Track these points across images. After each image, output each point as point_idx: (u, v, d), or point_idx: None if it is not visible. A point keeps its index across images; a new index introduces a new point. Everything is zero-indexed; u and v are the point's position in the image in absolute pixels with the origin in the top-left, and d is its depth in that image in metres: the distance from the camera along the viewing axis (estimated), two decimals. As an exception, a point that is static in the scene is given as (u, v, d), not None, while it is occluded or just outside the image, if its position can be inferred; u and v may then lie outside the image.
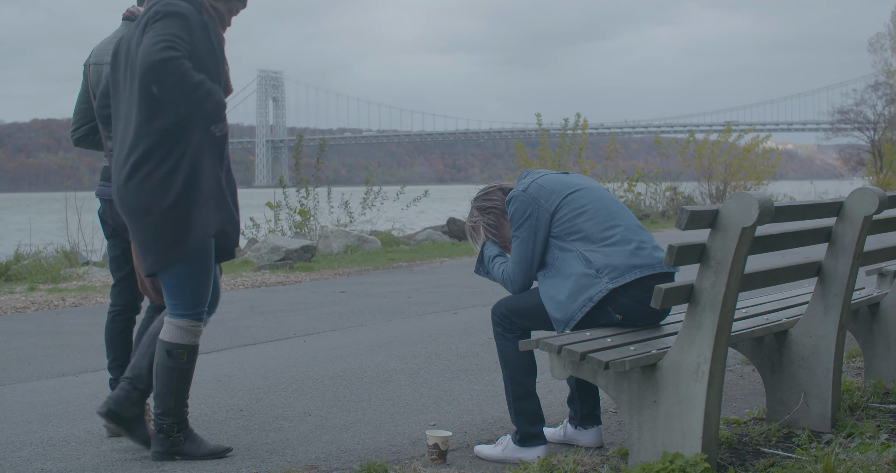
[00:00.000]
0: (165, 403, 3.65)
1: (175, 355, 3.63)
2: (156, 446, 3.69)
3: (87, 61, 4.04)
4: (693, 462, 2.99)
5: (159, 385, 3.65)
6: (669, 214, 21.22)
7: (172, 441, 3.67)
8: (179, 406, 3.67)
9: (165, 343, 3.63)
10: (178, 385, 3.65)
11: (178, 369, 3.64)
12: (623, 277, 3.33)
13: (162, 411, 3.66)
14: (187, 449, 3.69)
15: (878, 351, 4.38)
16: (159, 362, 3.64)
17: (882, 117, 42.47)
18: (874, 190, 3.60)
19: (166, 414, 3.66)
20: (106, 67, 3.88)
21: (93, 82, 3.99)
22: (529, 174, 3.62)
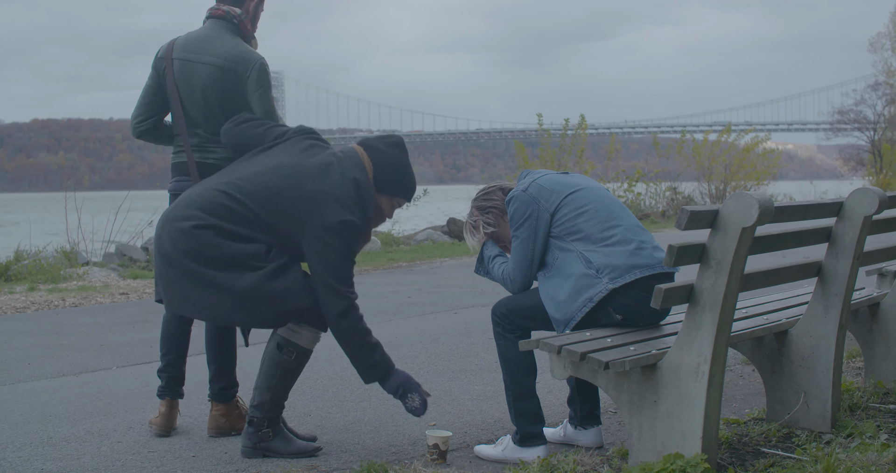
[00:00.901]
0: (262, 396, 3.68)
1: (285, 351, 3.68)
2: (244, 440, 3.71)
3: (165, 55, 4.04)
4: (693, 462, 2.99)
5: (262, 377, 3.69)
6: (669, 214, 21.22)
7: (261, 436, 3.68)
8: (274, 404, 3.69)
9: (280, 337, 3.69)
10: (278, 381, 3.68)
11: (283, 365, 3.68)
12: (623, 277, 3.33)
13: (257, 403, 3.68)
14: (275, 446, 3.70)
15: (878, 351, 4.38)
16: (269, 353, 3.70)
17: (882, 117, 42.49)
18: (874, 190, 3.60)
19: (259, 408, 3.68)
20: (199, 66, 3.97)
21: (178, 77, 4.00)
22: (529, 174, 3.62)
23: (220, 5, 4.06)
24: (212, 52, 3.96)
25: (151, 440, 4.04)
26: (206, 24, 4.08)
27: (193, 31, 4.10)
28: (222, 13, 4.03)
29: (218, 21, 4.04)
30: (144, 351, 6.34)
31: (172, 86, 4.01)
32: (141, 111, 4.14)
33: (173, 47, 4.04)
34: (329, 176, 3.57)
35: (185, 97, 4.01)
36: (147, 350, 6.37)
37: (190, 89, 3.99)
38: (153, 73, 4.10)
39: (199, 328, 4.21)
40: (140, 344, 6.61)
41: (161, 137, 4.19)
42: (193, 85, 3.98)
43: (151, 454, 3.83)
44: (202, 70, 3.96)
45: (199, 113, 4.00)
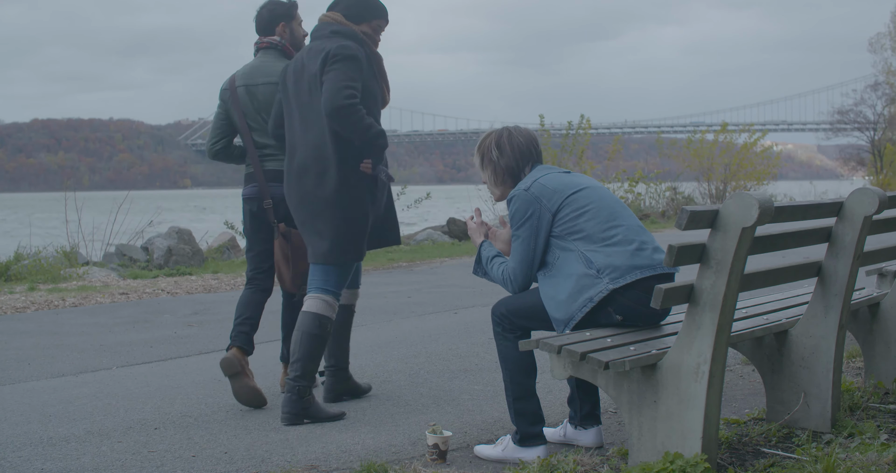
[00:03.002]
0: (306, 367, 4.16)
1: (322, 324, 4.24)
2: (288, 408, 4.15)
3: (229, 86, 4.75)
4: (693, 462, 2.99)
5: (303, 351, 4.18)
6: (669, 214, 21.23)
7: (304, 404, 4.15)
8: (314, 371, 4.18)
9: (317, 315, 4.24)
10: (317, 352, 4.22)
11: (321, 337, 4.23)
12: (624, 278, 3.32)
13: (301, 374, 4.16)
14: (314, 412, 4.19)
15: (878, 351, 4.38)
16: (307, 330, 4.21)
17: (882, 117, 42.50)
18: (874, 190, 3.60)
19: (304, 377, 4.16)
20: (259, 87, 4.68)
21: (243, 102, 4.70)
22: (532, 173, 3.61)
23: (261, 39, 4.80)
24: (268, 74, 4.66)
25: (151, 440, 4.05)
26: (257, 56, 4.79)
27: (248, 63, 4.80)
28: (267, 44, 4.77)
29: (267, 50, 4.78)
30: (144, 351, 6.34)
31: (239, 109, 4.71)
32: (213, 135, 4.87)
33: (235, 79, 4.76)
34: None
35: (249, 116, 4.71)
36: (147, 350, 6.37)
37: (255, 108, 4.69)
38: (220, 102, 4.82)
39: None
40: (140, 344, 6.61)
41: (233, 156, 4.90)
42: (258, 104, 4.68)
43: (151, 454, 3.83)
44: (262, 90, 4.66)
45: (262, 127, 4.68)
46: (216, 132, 4.85)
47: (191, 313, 8.21)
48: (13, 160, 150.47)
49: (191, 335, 6.99)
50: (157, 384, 5.22)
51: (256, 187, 4.68)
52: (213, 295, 9.62)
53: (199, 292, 9.89)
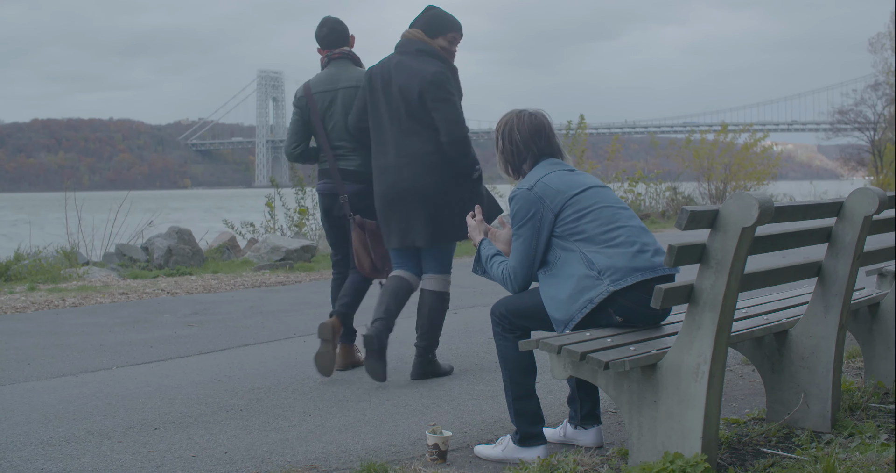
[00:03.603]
0: (431, 337, 5.02)
1: (443, 299, 5.04)
2: (419, 369, 5.03)
3: (305, 92, 5.27)
4: (693, 462, 2.99)
5: (430, 323, 5.00)
6: (669, 214, 21.22)
7: (431, 364, 5.05)
8: (438, 338, 5.06)
9: (437, 292, 5.02)
10: (439, 322, 5.04)
11: (442, 310, 5.04)
12: (625, 279, 3.31)
13: (428, 343, 5.02)
14: (436, 370, 5.08)
15: (878, 351, 4.38)
16: (435, 306, 5.01)
17: (882, 117, 42.47)
18: (874, 190, 3.59)
19: (432, 346, 5.03)
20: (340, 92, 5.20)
21: (321, 107, 5.23)
22: (535, 171, 3.57)
23: (333, 50, 5.31)
24: (347, 80, 5.22)
25: (151, 440, 4.05)
26: (330, 65, 5.31)
27: (321, 72, 5.32)
28: (339, 54, 5.31)
29: (340, 59, 5.31)
30: (144, 351, 6.34)
31: (316, 114, 5.22)
32: (293, 139, 5.36)
33: (309, 87, 5.28)
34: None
35: (327, 119, 5.22)
36: (147, 350, 6.37)
37: (332, 112, 5.20)
38: (296, 109, 5.34)
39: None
40: (140, 344, 6.61)
41: (310, 157, 5.40)
42: (335, 108, 5.20)
43: (151, 454, 3.83)
44: (343, 94, 5.19)
45: (338, 129, 5.20)
46: (295, 137, 5.34)
47: (191, 313, 8.22)
48: (13, 160, 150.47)
49: (191, 335, 6.99)
50: (157, 384, 5.22)
51: (330, 183, 5.23)
52: (213, 295, 9.62)
53: (199, 292, 9.89)
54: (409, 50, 4.90)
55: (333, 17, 5.42)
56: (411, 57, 4.88)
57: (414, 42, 4.91)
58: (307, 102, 5.26)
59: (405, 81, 4.83)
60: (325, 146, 5.23)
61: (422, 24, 4.94)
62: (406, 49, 4.92)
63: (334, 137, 5.21)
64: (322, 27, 5.34)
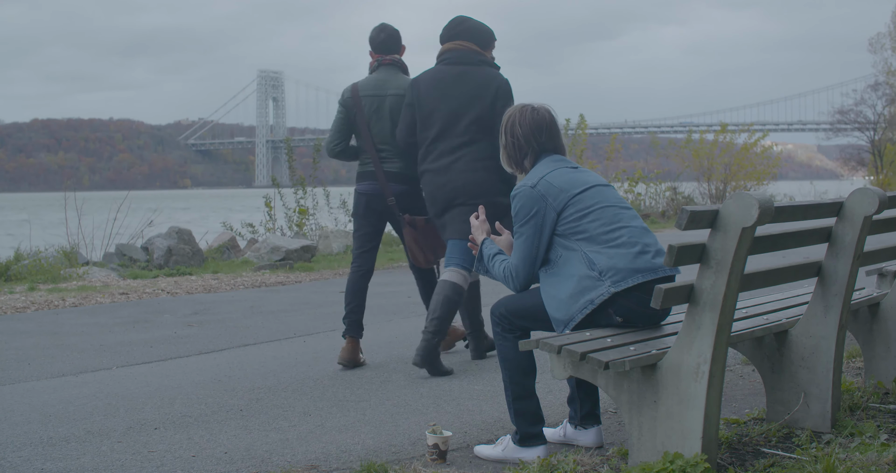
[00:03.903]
0: (442, 323, 5.08)
1: (458, 292, 5.14)
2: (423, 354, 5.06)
3: (353, 94, 5.47)
4: (693, 462, 2.99)
5: (442, 311, 5.07)
6: (669, 214, 21.22)
7: (434, 353, 5.10)
8: (447, 327, 5.13)
9: (455, 284, 5.14)
10: (452, 312, 5.12)
11: (456, 301, 5.13)
12: (625, 281, 3.30)
13: (436, 329, 5.06)
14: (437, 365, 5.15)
15: (878, 351, 4.38)
16: (449, 296, 5.10)
17: (882, 117, 42.47)
18: (874, 190, 3.59)
19: (439, 332, 5.08)
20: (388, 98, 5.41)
21: (367, 110, 5.43)
22: (538, 167, 3.54)
23: (383, 57, 5.52)
24: (395, 87, 5.41)
25: (151, 440, 4.05)
26: (379, 70, 5.51)
27: (370, 76, 5.51)
28: (390, 61, 5.52)
29: (389, 66, 5.51)
30: (144, 351, 6.34)
31: (362, 116, 5.43)
32: (336, 138, 5.55)
33: (357, 89, 5.47)
34: None
35: (372, 123, 5.42)
36: (147, 350, 6.37)
37: (379, 116, 5.40)
38: (342, 108, 5.52)
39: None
40: (140, 344, 6.61)
41: (350, 155, 5.59)
42: (383, 112, 5.39)
43: (151, 454, 3.83)
44: (390, 100, 5.38)
45: (385, 133, 5.41)
46: (338, 135, 5.54)
47: (191, 313, 8.22)
48: (13, 160, 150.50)
49: (191, 335, 6.99)
50: (157, 384, 5.22)
51: (374, 184, 5.46)
52: (213, 295, 9.62)
53: (199, 292, 9.89)
54: (472, 61, 5.18)
55: (391, 24, 5.64)
56: (475, 68, 5.17)
57: (475, 54, 5.20)
58: (354, 104, 5.47)
59: (475, 90, 5.10)
60: (369, 148, 5.44)
61: (471, 37, 5.22)
62: (468, 60, 5.19)
63: (379, 141, 5.43)
64: (380, 32, 5.57)
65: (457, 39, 5.22)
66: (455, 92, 5.12)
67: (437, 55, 5.29)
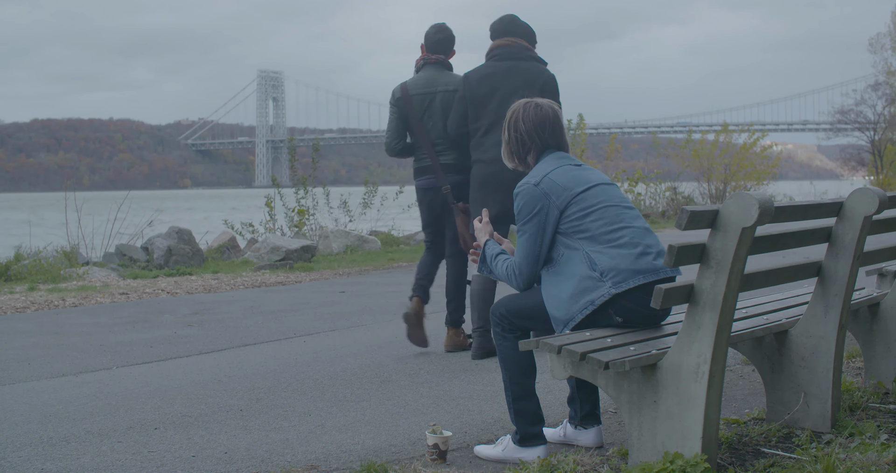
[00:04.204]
0: (483, 314, 5.36)
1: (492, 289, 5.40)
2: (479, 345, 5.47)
3: (403, 94, 5.74)
4: (693, 462, 2.99)
5: (481, 303, 5.39)
6: (669, 214, 21.23)
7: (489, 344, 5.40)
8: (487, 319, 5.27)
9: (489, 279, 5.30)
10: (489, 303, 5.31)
11: (491, 291, 5.40)
12: (626, 282, 3.30)
13: (481, 325, 5.44)
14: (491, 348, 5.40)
15: (878, 351, 4.38)
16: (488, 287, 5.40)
17: (882, 117, 42.47)
18: (874, 190, 3.59)
19: (485, 324, 5.40)
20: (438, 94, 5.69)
21: (419, 108, 5.70)
22: (541, 165, 3.53)
23: (430, 55, 5.81)
24: (444, 84, 5.71)
25: (151, 440, 4.05)
26: (425, 69, 5.79)
27: (418, 75, 5.80)
28: (435, 60, 5.81)
29: (435, 65, 5.80)
30: (144, 351, 6.34)
31: (414, 114, 5.71)
32: (395, 136, 5.84)
33: (406, 88, 5.75)
34: None
35: (425, 119, 5.70)
36: (147, 350, 6.37)
37: (431, 112, 5.69)
38: (394, 109, 5.79)
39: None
40: (140, 344, 6.61)
41: (408, 152, 5.88)
42: (434, 108, 5.68)
43: (151, 454, 3.83)
44: (441, 96, 5.68)
45: (437, 128, 5.69)
46: (396, 134, 5.83)
47: (191, 313, 8.22)
48: (13, 160, 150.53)
49: (191, 335, 7.00)
50: (157, 384, 5.22)
51: (431, 178, 5.76)
52: (213, 295, 9.63)
53: (199, 292, 9.89)
54: (521, 56, 5.40)
55: (449, 27, 5.94)
56: (525, 63, 5.38)
57: (525, 49, 5.44)
58: (405, 103, 5.74)
59: (524, 83, 5.29)
60: (424, 144, 5.72)
61: (521, 35, 5.48)
62: (518, 55, 5.40)
63: (434, 135, 5.71)
64: (437, 33, 5.86)
65: (508, 36, 5.45)
66: (505, 85, 5.31)
67: (488, 51, 5.50)
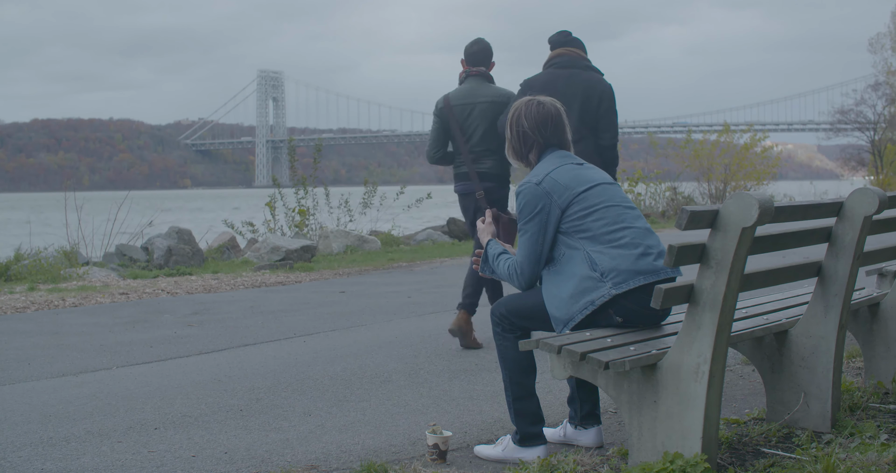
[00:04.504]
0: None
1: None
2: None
3: (445, 105, 6.05)
4: (693, 462, 2.99)
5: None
6: (669, 214, 21.23)
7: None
8: None
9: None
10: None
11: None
12: (627, 283, 3.29)
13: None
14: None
15: (878, 351, 4.38)
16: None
17: (882, 117, 42.49)
18: (874, 190, 3.59)
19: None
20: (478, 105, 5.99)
21: (460, 117, 6.01)
22: (543, 164, 3.52)
23: (470, 68, 6.14)
24: (483, 95, 6.00)
25: (151, 440, 4.05)
26: (467, 81, 6.11)
27: (460, 87, 6.12)
28: (478, 72, 6.13)
29: (476, 77, 6.11)
30: (144, 351, 6.34)
31: (456, 124, 6.01)
32: (435, 145, 6.16)
33: (449, 99, 6.07)
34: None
35: (465, 128, 6.00)
36: (147, 350, 6.37)
37: (470, 121, 5.98)
38: (437, 119, 6.12)
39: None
40: (140, 344, 6.61)
41: (448, 160, 6.18)
42: (473, 118, 5.98)
43: (151, 454, 3.83)
44: (480, 107, 5.97)
45: (476, 136, 5.97)
46: (438, 143, 6.15)
47: (191, 313, 8.22)
48: (13, 160, 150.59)
49: (191, 335, 7.00)
50: (157, 384, 5.22)
51: (468, 184, 6.04)
52: (213, 295, 9.62)
53: (199, 292, 9.89)
54: (580, 65, 5.65)
55: (485, 39, 6.24)
56: (583, 71, 5.62)
57: (583, 59, 5.69)
58: (448, 113, 6.06)
59: (585, 91, 5.53)
60: (463, 151, 6.01)
61: (578, 45, 5.72)
62: (577, 64, 5.65)
63: (472, 144, 5.99)
64: (473, 45, 6.18)
65: (567, 46, 5.70)
66: (565, 92, 5.47)
67: (547, 60, 5.71)
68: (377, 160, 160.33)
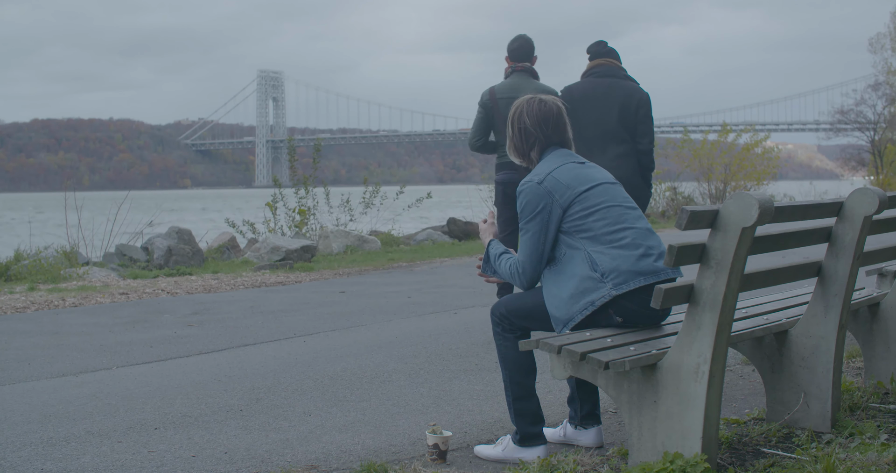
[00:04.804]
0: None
1: None
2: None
3: (492, 97, 6.27)
4: (693, 462, 3.00)
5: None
6: (669, 214, 21.23)
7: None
8: None
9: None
10: None
11: None
12: (627, 283, 3.29)
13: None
14: None
15: (878, 351, 4.38)
16: None
17: (882, 117, 42.49)
18: (874, 190, 3.59)
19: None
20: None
21: (504, 110, 6.10)
22: (545, 162, 3.52)
23: (515, 64, 6.33)
24: (527, 90, 5.99)
25: (151, 440, 4.05)
26: (513, 76, 6.32)
27: (505, 81, 6.33)
28: (523, 67, 6.33)
29: (521, 72, 6.32)
30: (144, 351, 6.34)
31: (500, 115, 6.18)
32: (478, 134, 6.42)
33: (494, 92, 6.29)
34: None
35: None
36: (147, 350, 6.37)
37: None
38: (481, 109, 6.36)
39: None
40: (140, 344, 6.61)
41: (489, 149, 6.44)
42: None
43: (151, 454, 3.83)
44: None
45: None
46: (479, 132, 6.40)
47: (191, 313, 8.22)
48: (13, 160, 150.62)
49: (191, 335, 7.00)
50: (157, 384, 5.22)
51: (510, 173, 6.14)
52: (213, 295, 9.62)
53: (199, 292, 9.89)
54: (619, 75, 5.88)
55: (527, 35, 6.44)
56: (621, 81, 5.85)
57: (620, 69, 5.92)
58: (493, 105, 6.27)
59: (625, 98, 5.76)
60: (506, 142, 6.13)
61: (613, 55, 5.94)
62: (616, 74, 5.89)
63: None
64: (514, 42, 6.39)
65: (605, 56, 5.93)
66: (604, 100, 5.75)
67: (587, 69, 5.92)
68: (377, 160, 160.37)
